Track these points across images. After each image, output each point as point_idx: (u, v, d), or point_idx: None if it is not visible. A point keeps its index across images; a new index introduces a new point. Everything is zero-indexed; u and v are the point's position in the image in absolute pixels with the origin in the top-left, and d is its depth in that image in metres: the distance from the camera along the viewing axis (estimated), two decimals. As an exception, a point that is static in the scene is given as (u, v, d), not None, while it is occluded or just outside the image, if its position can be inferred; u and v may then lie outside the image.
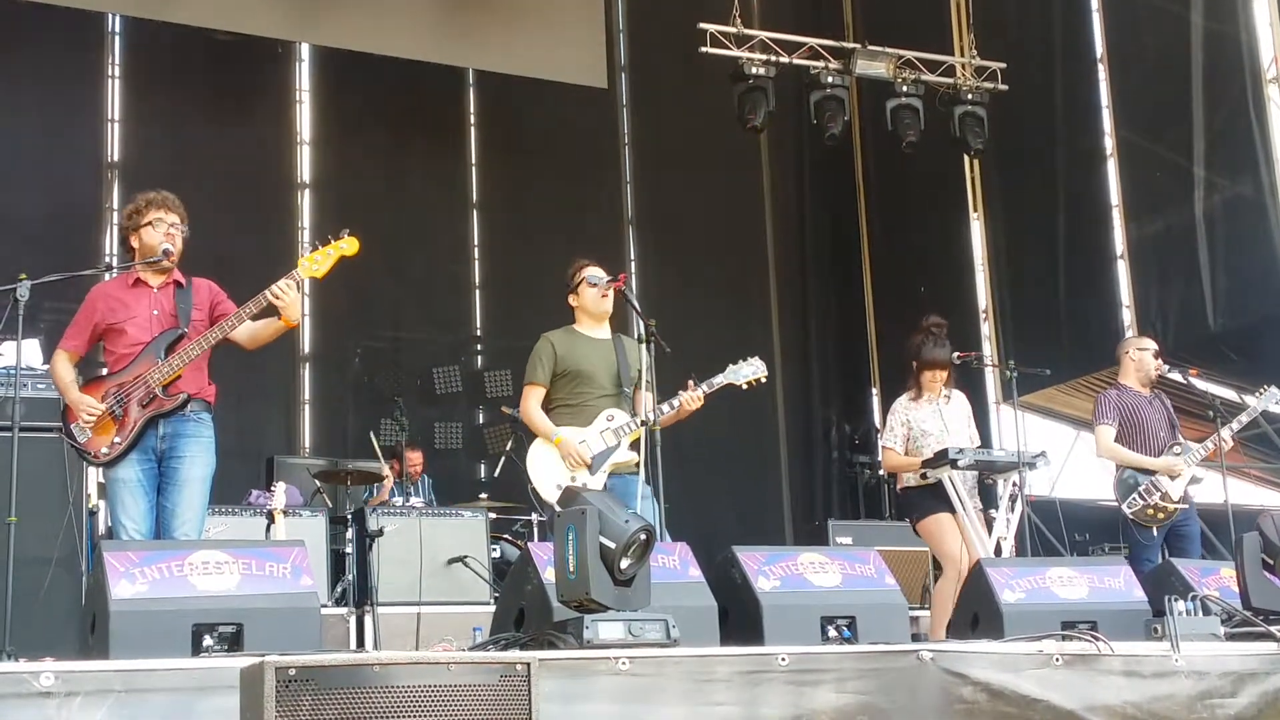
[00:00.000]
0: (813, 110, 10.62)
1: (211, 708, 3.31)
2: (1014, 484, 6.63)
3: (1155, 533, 6.80)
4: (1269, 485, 10.49)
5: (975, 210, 11.89)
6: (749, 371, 5.91)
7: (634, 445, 5.73)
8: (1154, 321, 9.82)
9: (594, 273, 5.92)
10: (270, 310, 5.02)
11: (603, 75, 11.84)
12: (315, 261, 5.10)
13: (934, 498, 6.53)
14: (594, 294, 5.87)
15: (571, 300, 5.97)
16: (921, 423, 6.67)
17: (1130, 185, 10.24)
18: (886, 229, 12.61)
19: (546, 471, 5.69)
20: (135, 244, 5.20)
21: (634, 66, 12.32)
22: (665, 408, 5.71)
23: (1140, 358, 7.14)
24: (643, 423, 5.59)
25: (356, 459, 9.15)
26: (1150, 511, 6.79)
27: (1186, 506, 6.85)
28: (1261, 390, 7.08)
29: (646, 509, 5.40)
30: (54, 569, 5.46)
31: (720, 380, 5.87)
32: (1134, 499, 6.81)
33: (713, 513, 10.15)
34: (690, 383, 5.81)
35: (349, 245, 5.16)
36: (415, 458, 9.10)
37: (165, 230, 5.15)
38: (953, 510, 6.48)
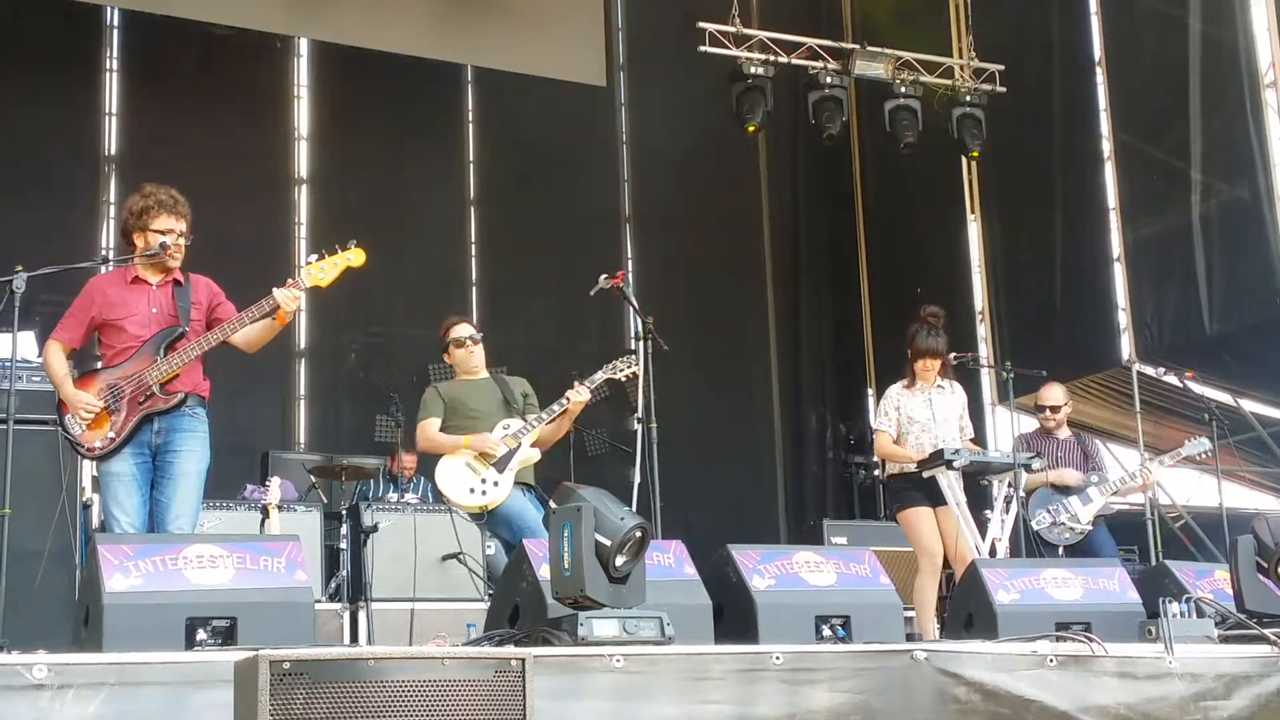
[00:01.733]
0: (811, 110, 10.62)
1: (205, 701, 3.31)
2: (1009, 485, 6.64)
3: (1060, 553, 7.15)
4: (1263, 489, 10.49)
5: (972, 212, 11.88)
6: (623, 367, 6.17)
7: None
8: (1149, 324, 9.83)
9: (460, 331, 6.30)
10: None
11: (601, 73, 11.83)
12: (322, 270, 5.08)
13: (919, 489, 6.56)
14: (461, 353, 6.27)
15: (446, 358, 6.36)
16: (910, 410, 6.73)
17: (1127, 188, 10.24)
18: (884, 230, 12.59)
19: (456, 482, 6.00)
20: (140, 242, 5.11)
21: (632, 65, 12.29)
22: (555, 407, 6.06)
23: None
24: (638, 420, 5.66)
25: (351, 454, 9.13)
26: (1057, 531, 7.22)
27: (1091, 529, 7.25)
28: (1191, 437, 7.60)
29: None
30: (47, 561, 5.46)
31: (600, 376, 6.19)
32: (1042, 515, 7.24)
33: (707, 511, 10.13)
34: (575, 382, 6.11)
35: (356, 256, 5.16)
36: (410, 461, 9.07)
37: (174, 240, 5.09)
38: (936, 505, 6.52)
